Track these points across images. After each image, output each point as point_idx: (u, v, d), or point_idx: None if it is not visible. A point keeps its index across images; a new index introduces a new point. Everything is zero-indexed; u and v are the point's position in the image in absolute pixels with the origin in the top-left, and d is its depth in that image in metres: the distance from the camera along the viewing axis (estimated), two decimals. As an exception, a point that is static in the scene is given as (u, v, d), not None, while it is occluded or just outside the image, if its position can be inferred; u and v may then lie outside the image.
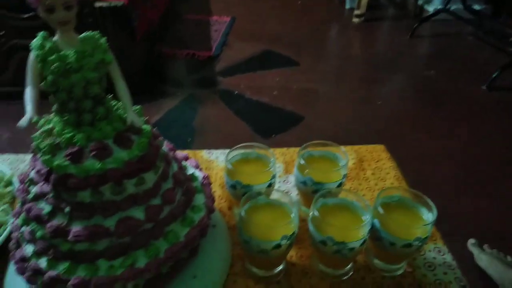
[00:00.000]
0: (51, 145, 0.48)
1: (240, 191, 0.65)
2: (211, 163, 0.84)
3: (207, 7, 3.06)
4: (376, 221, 0.57)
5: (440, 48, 2.42)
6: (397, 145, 0.98)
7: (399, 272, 0.62)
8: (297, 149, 0.87)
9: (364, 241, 0.55)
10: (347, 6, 2.83)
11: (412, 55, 2.35)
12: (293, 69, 2.22)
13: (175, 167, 0.59)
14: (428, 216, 0.58)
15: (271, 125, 1.82)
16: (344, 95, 2.00)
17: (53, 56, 0.45)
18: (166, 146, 0.60)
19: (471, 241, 1.08)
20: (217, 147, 0.91)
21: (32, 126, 0.45)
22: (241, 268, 0.63)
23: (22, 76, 1.82)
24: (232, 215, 0.73)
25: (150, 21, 2.11)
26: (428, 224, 0.56)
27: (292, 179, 0.79)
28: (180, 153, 0.68)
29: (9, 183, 0.73)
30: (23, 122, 0.43)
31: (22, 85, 1.83)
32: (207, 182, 0.65)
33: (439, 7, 2.55)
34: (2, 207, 0.67)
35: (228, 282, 0.60)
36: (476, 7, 2.53)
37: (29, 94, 0.45)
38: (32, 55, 0.46)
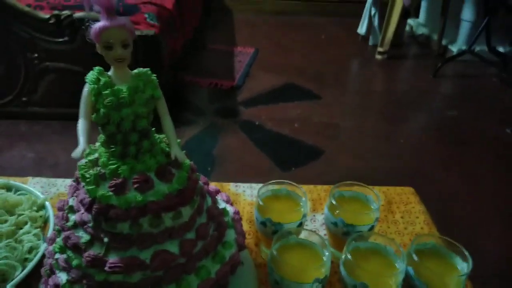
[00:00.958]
0: (96, 175, 0.49)
1: (270, 229, 0.65)
2: (238, 197, 0.84)
3: (232, 37, 3.14)
4: (410, 269, 0.56)
5: (463, 88, 2.42)
6: (423, 185, 0.97)
7: (431, 322, 0.60)
8: (324, 186, 0.87)
9: (398, 289, 0.54)
10: (371, 42, 2.87)
11: (435, 95, 2.35)
12: (315, 103, 2.24)
13: (209, 201, 0.60)
14: (463, 266, 0.57)
15: (291, 157, 1.82)
16: (366, 131, 2.00)
17: (107, 91, 0.47)
18: (201, 179, 0.61)
19: None
20: (236, 177, 0.91)
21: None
22: (268, 308, 0.62)
23: (50, 97, 1.89)
24: (258, 252, 0.72)
25: (176, 49, 2.18)
26: (463, 275, 0.55)
27: (319, 217, 0.79)
28: (212, 186, 0.69)
29: (41, 207, 0.74)
30: (77, 153, 0.44)
31: (49, 106, 1.89)
32: (238, 218, 0.65)
33: (463, 47, 2.56)
34: (34, 232, 0.68)
35: (255, 321, 0.59)
36: (501, 49, 2.54)
37: (82, 126, 0.47)
38: (86, 89, 0.47)
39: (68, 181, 0.85)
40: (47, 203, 0.74)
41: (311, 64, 2.68)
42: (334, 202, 0.65)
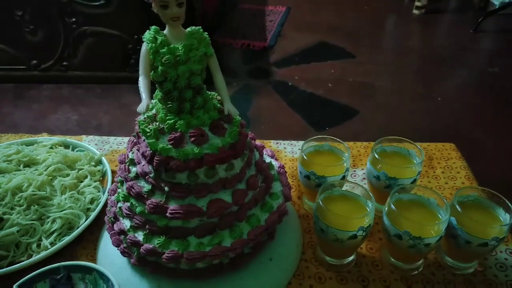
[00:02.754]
0: (156, 130, 0.52)
1: (313, 182, 0.68)
2: (279, 154, 0.87)
3: (263, -4, 3.07)
4: (452, 219, 0.58)
5: (505, 44, 2.30)
6: (462, 144, 0.96)
7: (470, 270, 0.62)
8: (363, 143, 0.89)
9: (440, 238, 0.56)
10: (407, -4, 2.75)
11: (475, 51, 2.25)
12: (349, 61, 2.20)
13: (257, 155, 0.63)
14: (506, 217, 0.58)
15: (325, 118, 1.82)
16: (402, 90, 1.95)
17: (164, 49, 0.49)
18: (249, 135, 0.64)
19: None
20: (272, 138, 0.93)
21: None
22: (312, 256, 0.66)
23: (90, 61, 1.95)
24: (301, 204, 0.76)
25: (207, 10, 2.16)
26: (506, 224, 0.56)
27: (359, 173, 0.81)
28: (257, 143, 0.71)
29: (98, 162, 0.80)
30: (142, 108, 0.48)
31: (89, 70, 1.95)
32: (283, 171, 0.68)
33: (507, 0, 2.42)
34: (93, 184, 0.74)
35: (300, 267, 0.64)
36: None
37: (142, 82, 0.50)
38: (144, 47, 0.50)
39: (119, 139, 0.90)
40: (103, 158, 0.79)
41: (345, 22, 2.60)
42: (377, 156, 0.67)
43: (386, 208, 0.59)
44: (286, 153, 0.87)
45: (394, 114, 1.74)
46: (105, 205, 0.70)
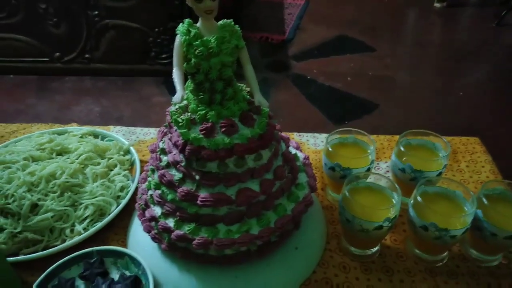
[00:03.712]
0: (188, 120, 0.54)
1: (338, 174, 0.69)
2: (302, 146, 0.88)
3: (281, -11, 3.05)
4: (478, 212, 0.58)
5: (530, 38, 2.25)
6: (484, 139, 0.95)
7: (495, 263, 0.63)
8: (386, 136, 0.89)
9: (466, 230, 0.57)
10: (429, -11, 2.70)
11: (498, 45, 2.21)
12: (368, 55, 2.18)
13: (283, 146, 0.64)
14: (532, 211, 0.58)
15: (344, 112, 1.81)
16: (422, 84, 1.93)
17: (198, 42, 0.50)
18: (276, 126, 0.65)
19: None
20: (291, 131, 0.94)
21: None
22: (336, 246, 0.67)
23: (111, 54, 1.97)
24: (325, 195, 0.77)
25: (226, 3, 2.17)
26: (533, 218, 0.57)
27: (382, 165, 0.82)
28: (283, 134, 0.73)
29: (127, 152, 0.82)
30: (177, 99, 0.49)
31: (111, 62, 1.98)
32: (308, 162, 0.69)
33: (532, -8, 2.36)
34: (123, 173, 0.76)
35: (325, 256, 0.65)
36: None
37: (176, 74, 0.51)
38: (178, 40, 0.52)
39: (146, 130, 0.92)
40: (131, 148, 0.82)
41: (365, 15, 2.58)
42: (402, 149, 0.67)
43: (412, 200, 0.60)
44: (309, 145, 0.88)
45: (414, 108, 1.72)
46: (135, 193, 0.72)
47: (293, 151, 0.70)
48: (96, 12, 1.95)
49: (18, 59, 2.08)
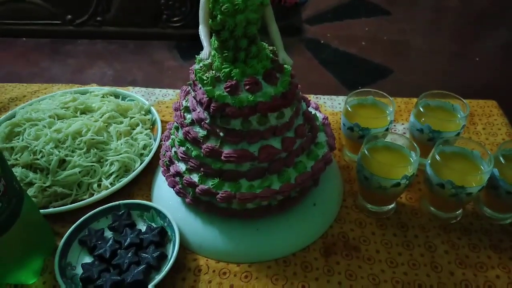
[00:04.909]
0: (212, 78, 0.55)
1: (357, 134, 0.70)
2: (319, 107, 0.89)
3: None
4: (495, 170, 0.60)
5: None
6: (503, 103, 0.95)
7: (508, 221, 0.65)
8: (404, 99, 0.89)
9: (482, 188, 0.58)
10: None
11: (518, 9, 2.14)
12: (384, 19, 2.14)
13: (304, 105, 0.65)
14: (548, 171, 0.59)
15: (358, 77, 1.81)
16: (438, 49, 1.90)
17: (224, -2, 0.51)
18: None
19: None
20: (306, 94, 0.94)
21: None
22: (352, 203, 0.69)
23: (123, 17, 1.97)
24: (341, 156, 0.78)
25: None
26: (548, 177, 0.58)
27: (399, 127, 0.82)
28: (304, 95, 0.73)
29: (147, 112, 0.84)
30: (205, 55, 0.50)
31: (122, 25, 1.98)
32: (327, 122, 0.70)
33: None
34: (145, 132, 0.78)
35: (341, 213, 0.67)
36: None
37: (203, 31, 0.52)
38: (204, -3, 0.52)
39: (164, 91, 0.94)
40: (152, 108, 0.83)
41: (381, -23, 2.50)
42: (421, 110, 0.68)
43: (429, 159, 0.61)
44: (326, 107, 0.89)
45: (429, 73, 1.71)
46: (157, 151, 0.74)
47: (313, 111, 0.71)
48: (107, -27, 1.92)
49: (30, 21, 2.08)
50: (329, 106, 0.89)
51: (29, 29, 2.13)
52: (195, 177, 0.61)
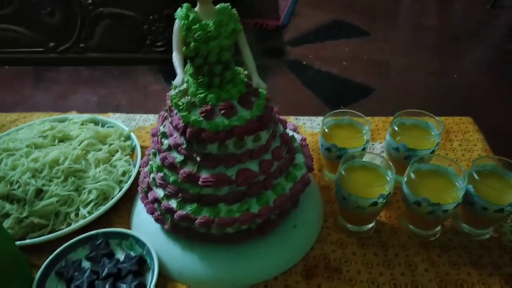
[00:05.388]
0: (188, 103, 0.55)
1: (334, 154, 0.71)
2: (299, 129, 0.90)
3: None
4: (470, 187, 0.61)
5: (524, 19, 2.26)
6: (479, 119, 0.98)
7: (486, 236, 0.65)
8: (381, 118, 0.91)
9: (458, 204, 0.59)
10: (422, -27, 2.70)
11: (492, 26, 2.22)
12: (364, 39, 2.19)
13: (281, 128, 0.66)
14: (522, 185, 0.61)
15: (341, 96, 1.83)
16: (418, 67, 1.95)
17: (196, 25, 0.52)
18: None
19: None
20: (288, 115, 0.95)
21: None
22: (333, 224, 0.69)
23: (106, 42, 1.98)
24: (321, 176, 0.79)
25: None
26: (522, 191, 0.59)
27: (378, 146, 0.84)
28: (280, 117, 0.74)
29: (127, 138, 0.83)
30: (178, 82, 0.51)
31: (106, 51, 1.98)
32: (305, 143, 0.71)
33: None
34: (124, 158, 0.78)
35: (322, 234, 0.67)
36: None
37: (176, 58, 0.53)
38: (177, 24, 0.53)
39: (145, 116, 0.94)
40: (132, 134, 0.83)
41: (359, -1, 2.58)
42: (396, 129, 0.69)
43: (405, 177, 0.62)
44: (305, 128, 0.90)
45: (409, 91, 1.74)
46: (136, 177, 0.74)
47: (291, 133, 0.72)
48: (90, 1, 1.94)
49: (13, 50, 2.07)
50: (309, 127, 0.90)
51: (12, 58, 2.12)
52: (173, 203, 0.60)
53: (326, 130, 0.70)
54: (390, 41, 2.13)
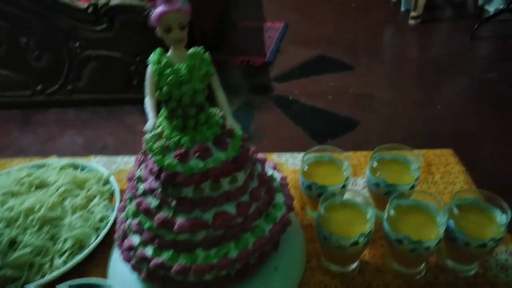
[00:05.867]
0: (162, 147, 0.55)
1: (315, 192, 0.70)
2: (281, 166, 0.89)
3: (261, 13, 3.14)
4: (451, 222, 0.60)
5: (502, 49, 2.34)
6: (462, 150, 0.98)
7: (472, 272, 0.64)
8: (363, 152, 0.91)
9: (440, 241, 0.58)
10: (403, 8, 2.80)
11: (473, 58, 2.28)
12: (348, 74, 2.24)
13: (259, 168, 0.65)
14: (502, 217, 0.60)
15: (327, 130, 1.85)
16: (402, 99, 1.99)
17: (168, 70, 0.52)
18: (251, 148, 0.66)
19: None
20: (275, 151, 0.95)
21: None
22: (316, 264, 0.67)
23: (94, 84, 2.00)
24: (304, 214, 0.77)
25: (205, 30, 2.22)
26: (502, 225, 0.58)
27: (360, 181, 0.83)
28: (260, 156, 0.74)
29: (106, 182, 0.82)
30: (149, 127, 0.50)
31: (93, 93, 2.00)
32: (285, 183, 0.70)
33: (501, 7, 2.46)
34: (103, 203, 0.76)
35: (305, 276, 0.65)
36: (542, 6, 2.42)
37: (149, 103, 0.53)
38: (150, 69, 0.53)
39: (126, 159, 0.93)
40: (112, 177, 0.82)
41: (343, 34, 2.65)
42: (375, 164, 0.69)
43: (386, 214, 0.61)
44: (288, 165, 0.90)
45: (394, 123, 1.76)
46: (115, 223, 0.72)
47: (270, 172, 0.71)
48: (77, 44, 1.97)
49: (0, 93, 2.08)
50: (291, 164, 0.90)
51: (-1, 101, 2.12)
52: (149, 250, 0.59)
53: (306, 168, 0.70)
54: (374, 74, 2.18)
